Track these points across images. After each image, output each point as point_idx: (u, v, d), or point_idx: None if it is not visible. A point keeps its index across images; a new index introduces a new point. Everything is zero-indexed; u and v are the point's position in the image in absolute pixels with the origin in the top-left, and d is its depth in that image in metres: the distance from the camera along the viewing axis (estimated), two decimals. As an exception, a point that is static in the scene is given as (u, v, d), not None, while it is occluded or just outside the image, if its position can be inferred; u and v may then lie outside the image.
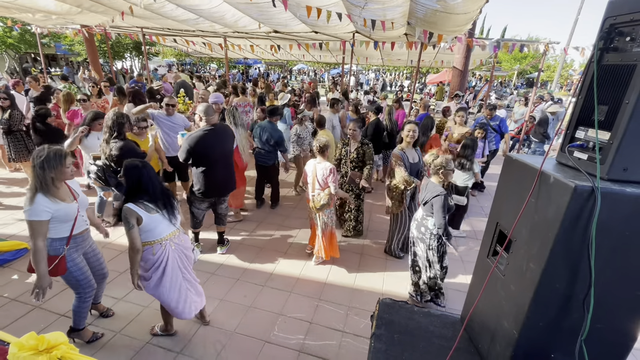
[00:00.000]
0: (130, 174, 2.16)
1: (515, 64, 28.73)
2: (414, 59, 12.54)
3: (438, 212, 2.75)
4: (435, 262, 2.95)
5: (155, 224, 2.20)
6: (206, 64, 31.03)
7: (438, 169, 2.83)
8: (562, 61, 23.85)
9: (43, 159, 2.00)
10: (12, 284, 3.15)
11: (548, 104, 9.38)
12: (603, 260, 1.05)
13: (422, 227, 2.94)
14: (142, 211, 2.14)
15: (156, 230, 2.21)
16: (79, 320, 2.47)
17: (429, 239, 2.90)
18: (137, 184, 2.16)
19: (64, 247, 2.20)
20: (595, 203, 0.98)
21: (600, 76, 1.07)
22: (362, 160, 3.94)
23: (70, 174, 2.16)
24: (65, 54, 22.83)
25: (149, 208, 2.18)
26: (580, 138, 1.16)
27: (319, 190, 3.39)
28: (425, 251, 2.97)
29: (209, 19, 6.89)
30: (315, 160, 3.44)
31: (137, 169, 2.16)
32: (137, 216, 2.12)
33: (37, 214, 1.99)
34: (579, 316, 1.11)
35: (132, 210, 2.11)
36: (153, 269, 2.24)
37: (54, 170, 2.03)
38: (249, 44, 12.22)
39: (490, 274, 1.37)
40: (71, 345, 1.49)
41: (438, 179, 2.87)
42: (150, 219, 2.17)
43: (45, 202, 2.02)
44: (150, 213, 2.18)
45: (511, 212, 1.32)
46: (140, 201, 2.16)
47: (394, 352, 1.51)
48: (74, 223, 2.22)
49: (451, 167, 2.84)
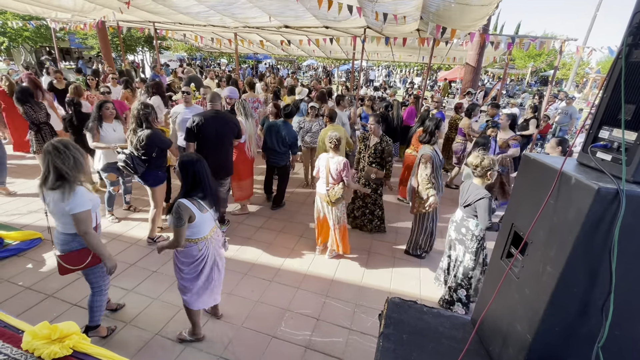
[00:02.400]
0: (187, 168, 2.12)
1: (530, 61, 28.10)
2: (425, 55, 12.37)
3: (484, 214, 2.63)
4: (469, 267, 2.86)
5: (204, 222, 2.19)
6: (217, 59, 31.15)
7: (487, 170, 2.72)
8: (579, 59, 23.21)
9: (74, 161, 2.01)
10: (26, 272, 3.23)
11: (562, 103, 9.16)
12: (625, 265, 1.00)
13: (463, 229, 2.85)
14: (196, 209, 2.11)
15: (202, 228, 2.20)
16: (98, 316, 2.46)
17: (470, 240, 2.81)
18: (192, 179, 2.12)
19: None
20: (620, 206, 0.94)
21: (628, 73, 1.02)
22: (381, 156, 3.92)
23: (89, 172, 2.21)
24: (79, 47, 23.19)
25: (201, 206, 2.15)
26: (605, 138, 1.12)
27: (332, 184, 3.38)
28: (463, 253, 2.89)
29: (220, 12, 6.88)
30: (327, 154, 3.42)
31: (193, 163, 2.12)
32: (191, 214, 2.08)
33: (84, 204, 2.06)
34: (596, 322, 1.07)
35: (188, 207, 2.07)
36: (195, 264, 2.25)
37: (81, 172, 2.08)
38: (259, 39, 12.21)
39: (504, 277, 1.34)
40: (83, 335, 1.51)
41: (484, 180, 2.75)
42: (202, 218, 2.16)
43: (86, 192, 2.11)
44: (202, 212, 2.15)
45: (528, 213, 1.28)
46: (195, 198, 2.13)
47: (402, 352, 1.50)
48: (96, 214, 2.30)
49: (497, 168, 2.75)
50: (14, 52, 19.68)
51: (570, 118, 8.27)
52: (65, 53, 23.76)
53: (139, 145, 3.31)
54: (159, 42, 14.35)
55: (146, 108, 3.32)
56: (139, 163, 3.36)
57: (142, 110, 3.30)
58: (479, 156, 2.79)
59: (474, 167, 2.80)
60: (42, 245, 3.67)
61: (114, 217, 4.24)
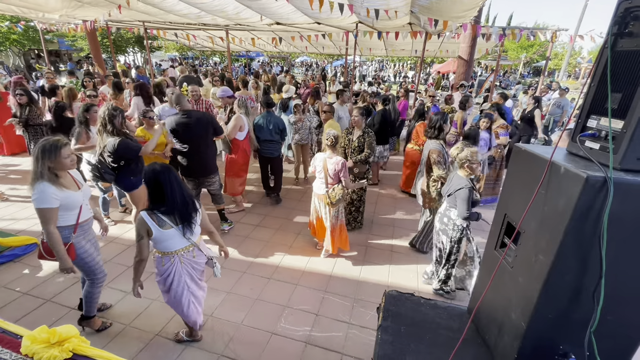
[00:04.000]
0: (148, 179, 1.98)
1: (522, 52, 28.18)
2: (418, 49, 12.36)
3: (462, 204, 2.74)
4: (453, 252, 2.97)
5: (165, 238, 2.06)
6: (209, 58, 30.88)
7: (463, 162, 2.81)
8: (570, 49, 23.31)
9: (39, 149, 2.04)
10: (23, 278, 3.21)
11: (555, 93, 9.22)
12: (614, 252, 1.03)
13: (445, 218, 2.96)
14: (154, 225, 1.99)
15: (167, 244, 2.09)
16: (91, 307, 2.53)
17: (452, 230, 2.90)
18: (154, 191, 2.00)
19: (71, 235, 2.26)
20: (608, 194, 0.96)
21: (614, 63, 1.04)
22: (363, 149, 3.91)
23: (70, 163, 2.17)
24: (68, 49, 22.84)
25: (162, 222, 2.01)
26: (592, 127, 1.13)
27: (332, 185, 3.35)
28: (447, 242, 2.98)
29: (211, 12, 6.83)
30: (324, 154, 3.39)
31: (156, 174, 1.96)
32: (148, 228, 1.99)
33: (47, 201, 2.05)
34: (588, 308, 1.10)
35: (144, 221, 1.98)
36: (162, 277, 2.19)
37: (50, 160, 2.06)
38: (251, 37, 12.12)
39: (498, 266, 1.36)
40: (82, 338, 1.51)
41: (464, 172, 2.84)
42: (161, 234, 2.02)
43: (53, 189, 2.07)
44: (162, 228, 2.01)
45: (520, 203, 1.30)
46: (155, 211, 2.01)
47: (400, 343, 1.52)
48: (80, 211, 2.27)
49: (477, 159, 2.81)
50: (2, 56, 19.36)
51: (562, 110, 8.32)
52: (55, 55, 23.41)
53: (107, 153, 3.21)
54: (150, 42, 14.20)
55: (114, 111, 3.19)
56: (107, 171, 3.28)
57: (108, 113, 3.15)
58: (458, 147, 2.92)
59: (453, 158, 2.94)
60: (38, 250, 3.64)
61: (110, 220, 4.23)
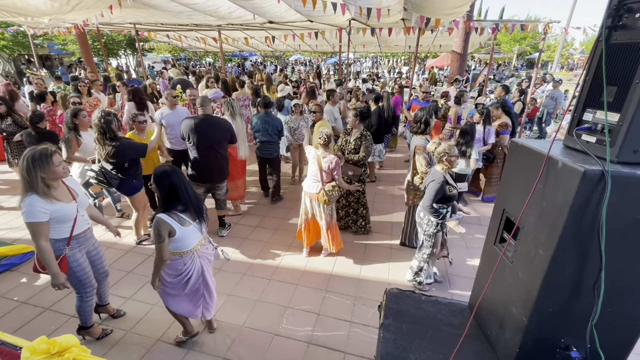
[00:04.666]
0: (161, 180, 2.02)
1: (515, 45, 28.28)
2: (411, 44, 12.36)
3: (427, 194, 2.82)
4: (426, 246, 3.04)
5: (187, 235, 2.11)
6: (202, 59, 30.69)
7: (441, 156, 2.84)
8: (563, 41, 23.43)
9: (28, 159, 1.94)
10: (21, 287, 3.18)
11: (549, 85, 9.27)
12: (613, 244, 1.03)
13: (422, 212, 3.03)
14: (176, 224, 2.03)
15: (187, 241, 2.13)
16: (85, 319, 2.50)
17: (425, 224, 2.99)
18: (169, 192, 2.03)
19: (65, 247, 2.19)
20: (606, 187, 0.96)
21: (608, 56, 1.04)
22: (359, 151, 3.87)
23: (62, 171, 2.07)
24: (59, 53, 22.61)
25: (182, 220, 2.07)
26: (588, 120, 1.13)
27: (326, 182, 3.34)
28: (421, 235, 3.07)
29: (203, 12, 6.77)
30: (318, 151, 3.36)
31: (168, 175, 2.02)
32: (170, 229, 2.01)
33: (35, 215, 1.97)
34: (589, 301, 1.10)
35: (166, 222, 1.99)
36: (181, 277, 2.20)
37: (42, 170, 1.96)
38: (244, 37, 12.04)
39: (498, 262, 1.37)
40: (83, 347, 1.50)
41: (442, 166, 2.87)
42: (184, 232, 2.07)
43: (41, 203, 1.98)
44: (183, 225, 2.07)
45: (518, 198, 1.30)
46: (174, 211, 2.05)
47: (403, 341, 1.52)
48: (74, 223, 2.19)
49: (455, 153, 2.84)
50: (-8, 62, 19.12)
51: (555, 102, 8.37)
52: (45, 60, 23.17)
53: (109, 158, 3.21)
54: (141, 44, 14.08)
55: (107, 116, 3.18)
56: (112, 176, 3.28)
57: (103, 119, 3.14)
58: (435, 142, 2.98)
59: (431, 152, 2.99)
60: (33, 263, 3.60)
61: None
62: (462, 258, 3.67)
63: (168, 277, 2.21)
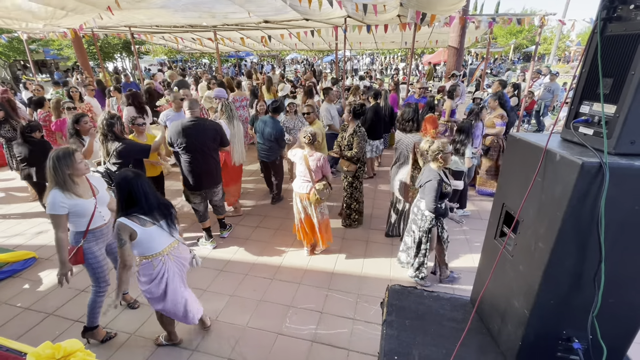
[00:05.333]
0: (121, 186, 2.05)
1: (511, 38, 28.25)
2: (408, 40, 12.33)
3: (428, 195, 2.82)
4: (423, 242, 3.05)
5: (152, 237, 2.12)
6: (198, 60, 30.62)
7: (436, 154, 2.85)
8: (559, 33, 23.40)
9: (54, 158, 2.16)
10: (24, 293, 3.19)
11: (546, 78, 9.27)
12: (613, 236, 1.03)
13: (416, 208, 3.05)
14: (137, 225, 2.04)
15: (154, 243, 2.14)
16: (93, 317, 2.54)
17: (420, 220, 2.99)
18: (128, 197, 2.05)
19: (81, 240, 2.34)
20: (604, 179, 0.96)
21: (604, 48, 1.04)
22: (352, 148, 3.87)
23: (85, 168, 2.27)
24: (54, 58, 22.55)
25: (143, 221, 2.08)
26: (585, 113, 1.14)
27: (316, 181, 3.32)
28: (417, 232, 3.06)
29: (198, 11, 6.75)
30: (304, 151, 3.32)
31: (127, 181, 2.05)
32: (131, 231, 2.02)
33: (55, 208, 2.17)
34: (589, 292, 1.11)
35: (125, 225, 2.01)
36: (155, 282, 2.19)
37: (67, 167, 2.18)
38: (239, 37, 12.01)
39: (499, 256, 1.37)
40: (88, 352, 1.50)
41: (437, 164, 2.87)
42: (146, 233, 2.08)
43: (62, 198, 2.18)
44: (145, 226, 2.08)
45: (517, 192, 1.30)
46: (134, 214, 2.07)
47: (406, 337, 1.53)
48: (91, 218, 2.33)
49: (449, 150, 2.86)
50: (-12, 69, 19.07)
51: (552, 94, 8.36)
52: (42, 65, 23.10)
53: (115, 159, 3.23)
54: (137, 47, 14.03)
55: (110, 119, 3.23)
56: (111, 175, 3.28)
57: (107, 121, 3.21)
58: (428, 141, 2.98)
59: (424, 151, 2.97)
60: (37, 264, 3.62)
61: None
62: (462, 253, 3.68)
63: (143, 284, 2.20)
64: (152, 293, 2.21)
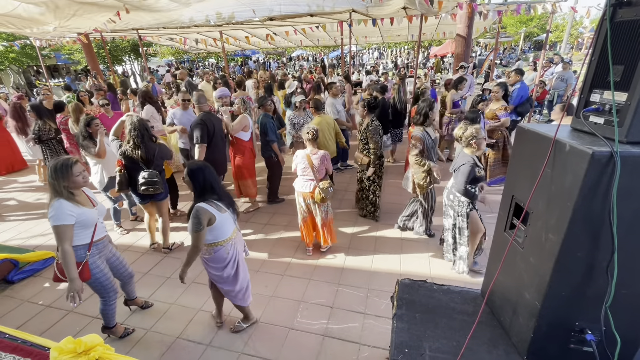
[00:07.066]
0: (196, 175, 2.20)
1: (521, 27, 27.55)
2: (414, 33, 12.16)
3: (460, 177, 2.83)
4: (464, 227, 3.05)
5: (226, 221, 2.29)
6: (204, 60, 30.83)
7: (470, 139, 2.88)
8: (572, 19, 22.71)
9: (52, 169, 2.09)
10: (44, 291, 3.30)
11: (558, 66, 9.01)
12: (626, 225, 1.02)
13: (451, 195, 3.06)
14: (215, 210, 2.20)
15: (226, 228, 2.29)
16: (109, 320, 2.61)
17: (458, 205, 3.01)
18: (204, 184, 2.20)
19: (86, 254, 2.26)
20: (615, 168, 0.95)
21: (614, 34, 1.02)
22: (366, 141, 3.90)
23: (83, 181, 2.18)
24: (66, 63, 23.04)
25: (219, 207, 2.24)
26: (596, 101, 1.12)
27: (319, 180, 3.32)
28: (455, 218, 3.07)
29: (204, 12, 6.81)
30: (306, 150, 3.31)
31: (202, 170, 2.21)
32: (210, 216, 2.17)
33: (63, 218, 2.06)
34: (602, 283, 1.10)
35: (206, 209, 2.15)
36: (230, 266, 2.37)
37: (64, 179, 2.09)
38: (244, 35, 12.05)
39: (508, 248, 1.36)
40: (107, 346, 1.56)
41: (471, 149, 2.91)
42: (222, 218, 2.24)
43: (69, 206, 2.10)
44: (221, 212, 2.24)
45: (526, 184, 1.29)
46: (211, 200, 2.22)
47: (416, 330, 1.54)
48: (95, 229, 2.29)
49: (482, 135, 2.89)
50: (2, 75, 19.60)
51: (566, 83, 8.13)
52: (54, 70, 23.63)
53: (153, 159, 3.35)
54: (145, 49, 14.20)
55: (142, 122, 3.29)
56: (162, 178, 3.43)
57: (139, 124, 3.23)
58: (462, 127, 3.02)
59: (458, 137, 3.01)
60: (54, 272, 3.73)
61: (123, 229, 4.30)
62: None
63: (217, 271, 2.36)
64: (226, 277, 2.38)
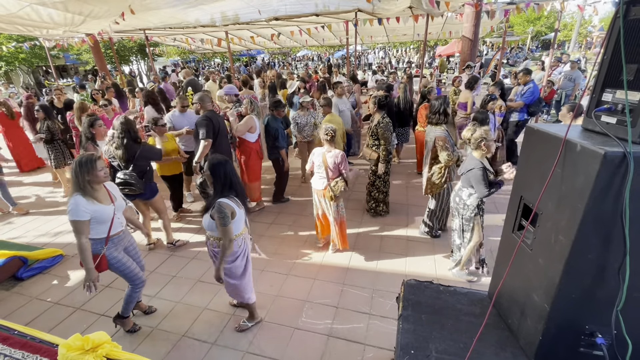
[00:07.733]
0: (218, 170, 2.21)
1: (529, 26, 27.25)
2: (420, 32, 12.10)
3: (478, 185, 2.77)
4: (467, 231, 3.02)
5: (242, 217, 2.34)
6: (210, 60, 31.00)
7: (479, 141, 2.82)
8: (580, 18, 22.39)
9: (77, 163, 2.19)
10: (53, 288, 3.35)
11: (566, 66, 8.90)
12: (638, 227, 1.00)
13: (457, 198, 3.02)
14: (235, 206, 2.24)
15: (240, 223, 2.34)
16: (127, 308, 2.65)
17: (463, 209, 2.97)
18: (224, 180, 2.22)
19: (103, 247, 2.36)
20: (628, 169, 0.93)
21: (627, 32, 1.00)
22: (378, 138, 3.90)
23: (104, 176, 2.28)
24: (74, 63, 23.36)
25: (237, 202, 2.28)
26: (608, 101, 1.10)
27: (332, 178, 3.32)
28: (460, 219, 3.04)
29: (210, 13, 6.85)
30: (322, 149, 3.34)
31: (223, 165, 2.22)
32: (232, 210, 2.20)
33: (78, 214, 2.18)
34: (614, 286, 1.07)
35: (228, 204, 2.19)
36: (240, 259, 2.41)
37: (88, 174, 2.19)
38: (250, 35, 12.08)
39: (517, 249, 1.35)
40: (114, 343, 1.58)
41: (480, 152, 2.85)
42: (240, 213, 2.29)
43: (84, 203, 2.19)
44: (239, 208, 2.29)
45: (536, 184, 1.27)
46: (231, 196, 2.25)
47: (422, 332, 1.52)
48: (111, 225, 2.36)
49: (492, 137, 2.83)
50: (12, 75, 19.92)
51: (574, 82, 8.03)
52: (62, 70, 23.96)
53: (135, 160, 3.31)
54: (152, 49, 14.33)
55: (125, 125, 3.29)
56: (138, 180, 3.33)
57: (126, 125, 3.27)
58: (470, 129, 2.97)
59: (467, 140, 2.97)
60: (65, 261, 3.78)
61: (130, 227, 4.33)
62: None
63: (227, 264, 2.38)
64: (235, 271, 2.42)
